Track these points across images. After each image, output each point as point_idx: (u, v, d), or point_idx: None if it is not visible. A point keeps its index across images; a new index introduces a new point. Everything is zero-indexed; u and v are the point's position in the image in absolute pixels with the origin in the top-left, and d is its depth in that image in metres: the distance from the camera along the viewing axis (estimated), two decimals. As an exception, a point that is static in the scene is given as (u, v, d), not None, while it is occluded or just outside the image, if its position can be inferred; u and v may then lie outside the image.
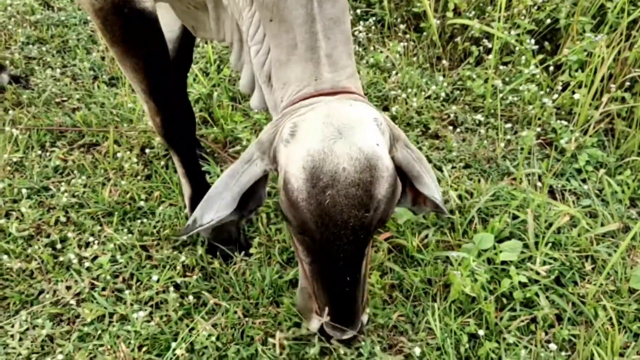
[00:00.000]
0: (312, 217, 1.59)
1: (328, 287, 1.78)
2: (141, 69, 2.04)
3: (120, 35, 1.96)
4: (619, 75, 3.13)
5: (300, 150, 1.58)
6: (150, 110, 2.16)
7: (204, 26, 2.13)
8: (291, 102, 1.70)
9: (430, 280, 2.36)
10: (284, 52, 1.72)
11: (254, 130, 3.10)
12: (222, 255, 2.40)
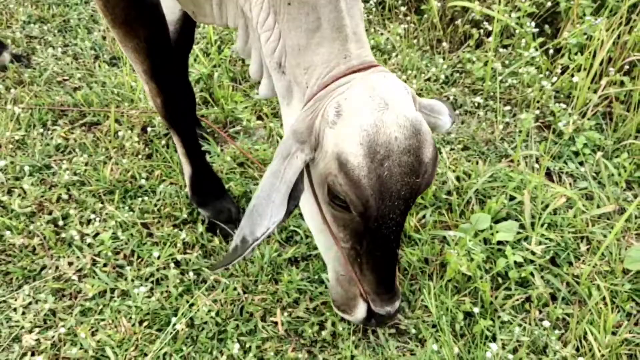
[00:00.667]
0: (373, 192, 1.58)
1: (376, 262, 1.77)
2: (142, 50, 2.05)
3: (121, 17, 1.97)
4: (618, 58, 3.15)
5: (353, 128, 1.57)
6: (151, 91, 2.17)
7: (204, 11, 2.11)
8: (323, 85, 1.66)
9: (427, 260, 2.39)
10: (303, 36, 1.68)
11: (254, 111, 3.11)
12: (222, 233, 2.43)
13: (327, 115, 1.61)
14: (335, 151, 1.58)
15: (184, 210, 2.51)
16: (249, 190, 2.64)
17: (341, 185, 1.59)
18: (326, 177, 1.62)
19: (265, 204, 1.62)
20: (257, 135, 2.99)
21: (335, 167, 1.58)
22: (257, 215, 1.62)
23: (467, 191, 2.67)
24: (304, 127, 1.65)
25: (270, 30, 1.77)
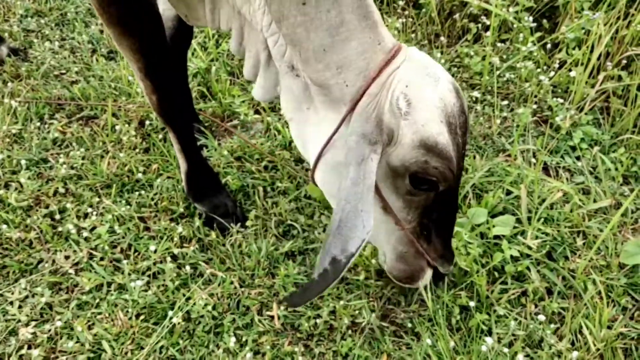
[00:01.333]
0: (457, 160, 1.68)
1: (444, 227, 1.90)
2: (137, 49, 2.04)
3: (117, 17, 1.96)
4: (616, 53, 3.14)
5: (429, 110, 1.61)
6: (146, 88, 2.17)
7: (196, 14, 2.10)
8: (370, 79, 1.64)
9: (423, 254, 2.39)
10: (325, 35, 1.61)
11: (252, 105, 3.11)
12: (219, 227, 2.43)
13: (396, 108, 1.62)
14: (418, 138, 1.62)
15: (180, 204, 2.51)
16: (246, 184, 2.64)
17: (436, 167, 1.65)
18: (408, 168, 1.67)
19: (354, 216, 1.59)
20: (255, 129, 2.99)
21: (422, 153, 1.63)
22: (347, 230, 1.58)
23: (464, 186, 2.67)
24: (372, 127, 1.64)
25: (277, 34, 1.75)
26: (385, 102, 1.63)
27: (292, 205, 2.57)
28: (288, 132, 2.89)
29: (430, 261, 1.94)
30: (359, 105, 1.65)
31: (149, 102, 2.22)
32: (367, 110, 1.64)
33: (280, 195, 2.62)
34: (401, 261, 1.96)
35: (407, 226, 1.83)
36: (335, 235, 1.59)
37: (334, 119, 1.72)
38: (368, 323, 2.15)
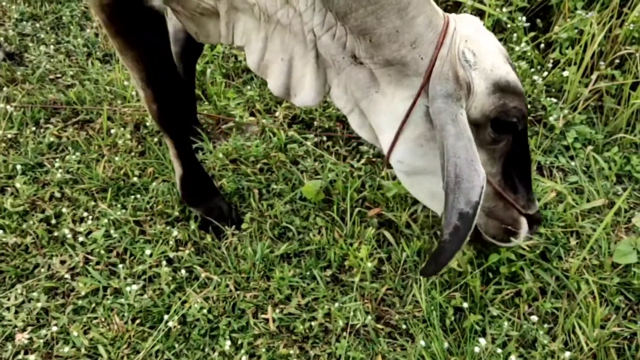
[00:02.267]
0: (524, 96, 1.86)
1: (524, 168, 1.99)
2: (142, 60, 2.05)
3: (124, 30, 1.97)
4: (609, 52, 3.15)
5: (492, 55, 1.81)
6: (146, 97, 2.16)
7: (206, 32, 2.14)
8: (438, 45, 1.80)
9: (419, 254, 2.40)
10: (396, 17, 1.75)
11: (247, 107, 3.12)
12: (214, 230, 2.45)
13: (466, 62, 1.78)
14: (490, 83, 1.79)
15: (176, 207, 2.52)
16: (241, 187, 2.65)
17: (515, 107, 1.80)
18: (488, 116, 1.81)
19: (468, 167, 1.69)
20: (250, 132, 3.00)
21: (498, 96, 1.79)
22: (465, 182, 1.68)
23: (458, 186, 2.68)
24: (453, 85, 1.77)
25: (334, 27, 1.83)
26: (455, 60, 1.78)
27: (287, 208, 2.58)
28: (283, 134, 2.90)
29: (521, 209, 2.00)
30: (434, 71, 1.79)
31: (147, 109, 2.23)
32: (443, 72, 1.78)
33: (276, 198, 2.63)
34: (493, 217, 2.03)
35: (494, 179, 1.93)
36: (455, 190, 1.68)
37: (407, 96, 1.84)
38: (363, 325, 2.16)
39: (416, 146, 1.88)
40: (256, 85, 3.26)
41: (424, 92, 1.81)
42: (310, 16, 1.83)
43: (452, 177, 1.69)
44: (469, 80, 1.78)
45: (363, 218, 2.55)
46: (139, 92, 2.18)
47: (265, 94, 3.20)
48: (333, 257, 2.37)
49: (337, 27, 1.83)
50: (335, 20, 1.82)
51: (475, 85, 1.78)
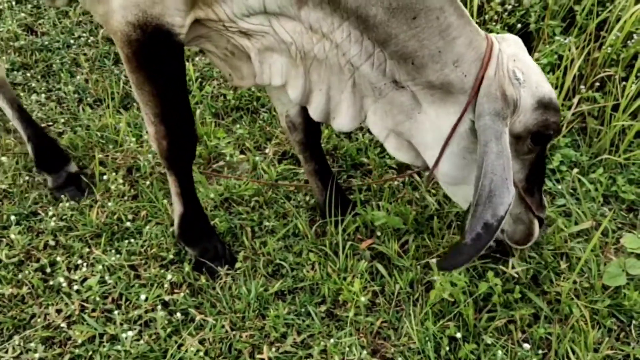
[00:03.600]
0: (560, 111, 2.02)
1: (541, 176, 2.16)
2: (159, 95, 2.06)
3: (147, 64, 2.00)
4: (589, 75, 3.22)
5: (536, 75, 1.96)
6: (157, 133, 2.16)
7: (241, 74, 2.21)
8: (486, 64, 1.92)
9: (412, 285, 2.43)
10: (439, 39, 1.88)
11: (237, 145, 3.17)
12: (208, 271, 2.47)
13: (515, 79, 1.92)
14: (535, 100, 1.94)
15: (171, 250, 2.55)
16: (234, 225, 2.68)
17: (555, 121, 1.98)
18: (530, 130, 1.97)
19: (501, 184, 1.86)
20: (241, 170, 3.04)
21: (541, 112, 1.94)
22: (497, 198, 1.85)
23: (448, 214, 2.72)
24: (502, 104, 1.91)
25: (372, 56, 1.95)
26: (504, 79, 1.92)
27: (280, 244, 2.61)
28: (274, 171, 2.94)
29: (535, 212, 2.15)
30: (482, 89, 1.92)
31: (155, 147, 2.21)
32: (492, 91, 1.91)
33: (268, 235, 2.66)
34: (518, 222, 2.19)
35: (521, 185, 2.09)
36: (486, 204, 1.85)
37: (452, 112, 1.98)
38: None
39: (460, 159, 2.05)
40: (246, 123, 3.32)
41: (470, 108, 1.95)
42: (347, 47, 1.95)
43: (486, 191, 1.85)
44: (517, 98, 1.93)
45: (356, 251, 2.57)
46: (148, 128, 2.17)
47: (254, 131, 3.25)
48: (327, 292, 2.40)
49: (375, 55, 1.95)
50: (373, 49, 1.94)
51: (523, 103, 1.94)
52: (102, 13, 1.96)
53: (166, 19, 1.91)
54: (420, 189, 2.88)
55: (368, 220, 2.66)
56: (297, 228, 2.67)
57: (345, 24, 1.91)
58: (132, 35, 1.93)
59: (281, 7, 1.91)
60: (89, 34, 4.00)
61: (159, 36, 1.93)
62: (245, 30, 2.00)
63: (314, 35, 1.96)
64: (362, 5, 1.84)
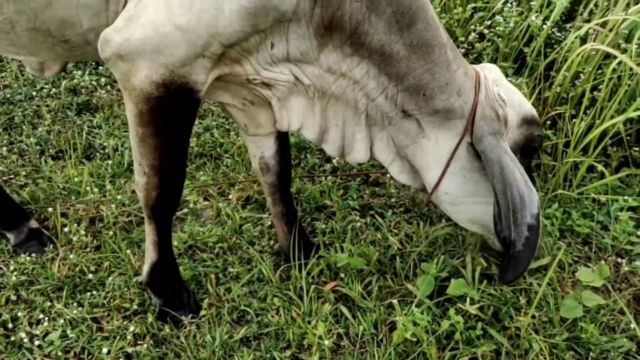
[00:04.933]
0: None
1: None
2: (162, 148, 2.05)
3: (160, 120, 1.98)
4: (541, 114, 3.34)
5: (516, 95, 2.20)
6: (148, 184, 2.13)
7: (256, 122, 2.27)
8: (477, 91, 2.16)
9: (376, 326, 2.45)
10: (446, 71, 2.10)
11: (201, 192, 3.19)
12: (172, 320, 2.46)
13: (502, 101, 2.14)
14: (520, 118, 2.17)
15: (135, 300, 2.53)
16: (198, 273, 2.69)
17: (539, 134, 2.21)
18: (519, 144, 2.19)
19: (527, 188, 2.09)
20: (205, 217, 3.06)
21: (526, 127, 2.18)
22: (527, 199, 2.08)
23: (410, 254, 2.77)
24: (498, 124, 2.15)
25: (386, 89, 2.12)
26: (494, 102, 2.15)
27: (244, 290, 2.62)
28: (238, 216, 2.96)
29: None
30: (477, 113, 2.16)
31: (141, 196, 2.17)
32: (487, 114, 2.15)
33: (233, 281, 2.67)
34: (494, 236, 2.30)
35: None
36: (522, 209, 2.08)
37: (451, 136, 2.20)
38: (324, 404, 2.18)
39: (460, 178, 2.24)
40: (209, 170, 3.35)
41: (468, 131, 2.17)
42: (366, 82, 2.10)
43: (517, 198, 2.07)
44: (506, 117, 2.15)
45: (320, 294, 2.59)
46: (138, 178, 2.13)
47: (218, 177, 3.28)
48: (292, 337, 2.40)
49: (389, 88, 2.12)
50: (388, 82, 2.10)
51: (510, 120, 2.15)
52: (125, 70, 1.95)
53: (192, 77, 1.93)
54: (382, 230, 2.93)
55: (332, 262, 2.69)
56: (262, 273, 2.68)
57: (364, 62, 2.06)
58: (153, 93, 1.93)
59: (303, 53, 2.01)
60: (51, 86, 4.02)
61: (181, 94, 1.94)
62: (267, 80, 2.06)
63: (331, 76, 2.10)
64: (387, 44, 2.00)
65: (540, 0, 3.69)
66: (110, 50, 1.94)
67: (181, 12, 1.85)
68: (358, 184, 3.25)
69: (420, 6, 1.98)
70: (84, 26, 2.06)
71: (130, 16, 1.92)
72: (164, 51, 1.88)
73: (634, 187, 3.11)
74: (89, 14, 2.02)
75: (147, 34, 1.88)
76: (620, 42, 3.30)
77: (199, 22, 1.85)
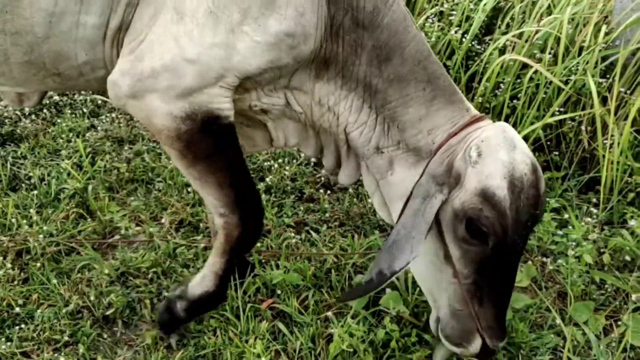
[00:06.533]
0: (512, 221, 1.84)
1: (497, 294, 1.96)
2: (227, 181, 2.03)
3: (205, 152, 1.97)
4: (466, 123, 3.44)
5: (495, 165, 1.86)
6: (229, 224, 2.09)
7: (253, 141, 2.27)
8: (452, 134, 1.99)
9: (314, 340, 2.46)
10: (422, 107, 2.02)
11: (133, 217, 3.14)
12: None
13: (469, 155, 1.90)
14: (479, 187, 1.86)
15: (65, 332, 2.46)
16: (132, 299, 2.64)
17: (487, 217, 1.84)
18: (465, 213, 1.88)
19: (405, 240, 1.87)
20: (138, 242, 3.01)
21: (480, 201, 1.85)
22: (397, 251, 1.87)
23: (345, 266, 2.80)
24: (442, 170, 1.95)
25: (364, 125, 2.10)
26: (459, 151, 1.94)
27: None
28: (171, 244, 2.92)
29: (480, 328, 1.97)
30: (437, 154, 2.00)
31: (221, 241, 2.13)
32: (442, 156, 1.98)
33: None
34: (455, 319, 2.03)
35: (464, 281, 1.94)
36: (387, 252, 1.89)
37: (416, 174, 2.04)
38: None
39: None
40: (141, 195, 3.30)
41: None
42: (345, 117, 2.11)
43: (391, 241, 1.91)
44: (461, 174, 1.90)
45: (257, 312, 2.59)
46: (217, 220, 2.09)
47: (150, 202, 3.24)
48: (229, 357, 2.38)
49: (366, 125, 2.11)
50: (367, 118, 2.09)
51: (467, 181, 1.88)
52: (144, 111, 1.94)
53: (214, 105, 1.93)
54: (317, 245, 2.95)
55: (268, 280, 2.69)
56: (197, 295, 2.65)
57: (350, 95, 2.08)
58: (181, 128, 1.91)
59: (301, 80, 2.07)
60: (-27, 117, 3.90)
61: (210, 123, 1.93)
62: (266, 107, 2.10)
63: (320, 109, 2.12)
64: (369, 76, 2.03)
65: (459, 16, 3.83)
66: (123, 94, 1.93)
67: (191, 45, 1.87)
68: (292, 201, 3.27)
69: (398, 43, 2.00)
70: (79, 60, 2.04)
71: (136, 56, 1.91)
72: (176, 86, 1.88)
73: (556, 189, 3.24)
74: (86, 47, 2.01)
75: (157, 71, 1.88)
76: (536, 52, 3.46)
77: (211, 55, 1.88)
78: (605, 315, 2.56)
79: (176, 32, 1.88)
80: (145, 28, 1.93)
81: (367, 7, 1.97)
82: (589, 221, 2.93)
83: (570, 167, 3.28)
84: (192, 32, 1.88)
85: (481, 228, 1.86)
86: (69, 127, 3.77)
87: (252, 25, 1.87)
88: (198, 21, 1.87)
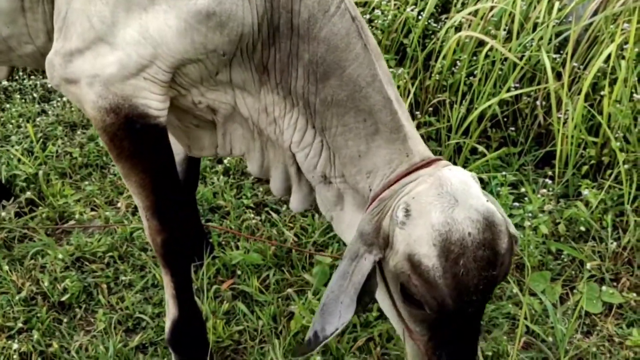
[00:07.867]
0: (450, 290, 1.56)
1: (456, 354, 1.72)
2: (148, 185, 1.91)
3: (128, 151, 1.86)
4: (424, 102, 3.47)
5: (424, 228, 1.57)
6: (150, 228, 1.98)
7: (200, 144, 2.11)
8: (387, 185, 1.71)
9: (275, 319, 2.44)
10: (363, 142, 1.76)
11: (88, 202, 3.07)
12: (61, 335, 2.33)
13: (396, 215, 1.62)
14: (406, 252, 1.59)
15: (20, 318, 2.40)
16: (88, 284, 2.58)
17: (416, 286, 1.59)
18: (398, 276, 1.63)
19: (334, 305, 1.67)
20: (93, 226, 2.94)
21: (408, 268, 1.59)
22: (327, 315, 1.67)
23: (306, 244, 2.78)
24: (370, 229, 1.68)
25: (309, 147, 1.89)
26: (389, 209, 1.67)
27: (139, 297, 2.55)
28: (128, 227, 2.86)
29: None
30: (369, 208, 1.72)
31: (150, 242, 2.04)
32: (372, 213, 1.69)
33: (126, 289, 2.58)
34: None
35: (420, 338, 1.73)
36: (320, 314, 1.69)
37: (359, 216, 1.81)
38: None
39: None
40: (96, 180, 3.22)
41: None
42: (290, 134, 1.90)
43: (322, 303, 1.70)
44: (389, 234, 1.65)
45: (218, 293, 2.56)
46: (143, 223, 2.00)
47: (105, 186, 3.17)
48: (190, 339, 2.35)
49: (312, 146, 1.89)
50: (312, 140, 1.88)
51: (396, 245, 1.63)
52: (75, 100, 1.87)
53: (140, 101, 1.79)
54: (277, 225, 2.93)
55: (227, 261, 2.66)
56: (156, 279, 2.61)
57: (295, 110, 1.88)
58: (106, 120, 1.81)
59: (244, 79, 1.87)
60: None
61: (135, 121, 1.81)
62: (211, 103, 1.93)
63: (267, 118, 1.92)
64: (307, 93, 1.81)
65: (415, -6, 3.83)
66: (57, 74, 1.84)
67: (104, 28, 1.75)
68: (252, 183, 3.24)
69: (336, 61, 1.75)
70: (3, 33, 1.97)
71: (64, 35, 1.81)
72: (100, 72, 1.77)
73: (513, 165, 3.28)
74: (5, 20, 1.93)
75: (81, 52, 1.78)
76: (491, 29, 3.48)
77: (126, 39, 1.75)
78: (561, 284, 2.61)
79: (89, 12, 1.75)
80: (64, 4, 1.81)
81: (303, 13, 1.74)
82: (545, 193, 2.97)
83: (526, 143, 3.32)
84: (103, 12, 1.74)
85: (413, 296, 1.63)
86: (19, 112, 3.66)
87: (164, 5, 1.71)
88: (108, 0, 1.73)
